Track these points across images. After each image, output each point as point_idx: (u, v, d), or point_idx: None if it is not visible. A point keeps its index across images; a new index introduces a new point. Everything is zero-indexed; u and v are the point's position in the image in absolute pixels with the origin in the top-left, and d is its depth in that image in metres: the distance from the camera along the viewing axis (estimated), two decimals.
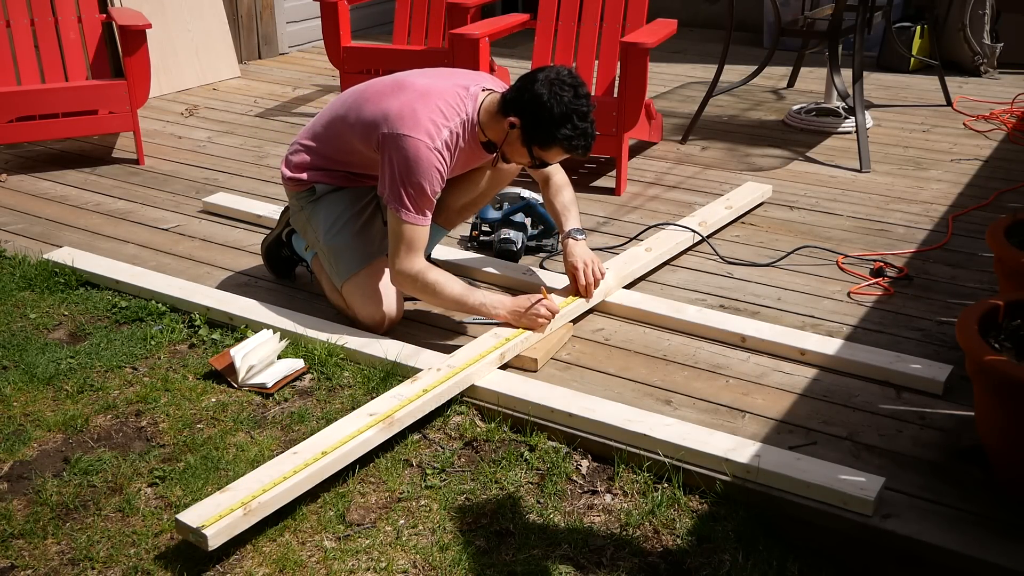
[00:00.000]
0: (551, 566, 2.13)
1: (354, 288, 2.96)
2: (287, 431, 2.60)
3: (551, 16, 4.50)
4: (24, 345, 3.00)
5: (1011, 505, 2.20)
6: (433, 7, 5.24)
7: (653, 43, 3.99)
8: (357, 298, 2.95)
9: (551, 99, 2.67)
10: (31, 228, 3.91)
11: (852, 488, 2.19)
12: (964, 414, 2.56)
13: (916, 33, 6.17)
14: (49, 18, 4.68)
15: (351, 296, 2.96)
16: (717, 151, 4.80)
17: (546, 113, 2.68)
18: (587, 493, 2.37)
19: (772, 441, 2.44)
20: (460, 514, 2.30)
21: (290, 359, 2.85)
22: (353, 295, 2.96)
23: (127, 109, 4.54)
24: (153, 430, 2.62)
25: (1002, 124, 5.12)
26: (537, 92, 2.69)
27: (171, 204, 4.17)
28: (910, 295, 3.24)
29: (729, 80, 5.40)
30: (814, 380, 2.75)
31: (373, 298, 2.93)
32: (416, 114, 2.75)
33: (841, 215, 3.95)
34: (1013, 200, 4.06)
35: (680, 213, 3.91)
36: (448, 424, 2.61)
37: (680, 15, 6.62)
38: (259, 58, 6.86)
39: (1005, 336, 2.28)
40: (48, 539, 2.23)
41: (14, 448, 2.53)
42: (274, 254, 3.38)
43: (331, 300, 3.11)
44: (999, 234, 2.70)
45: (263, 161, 4.72)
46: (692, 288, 3.31)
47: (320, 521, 2.27)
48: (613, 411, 2.52)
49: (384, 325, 2.95)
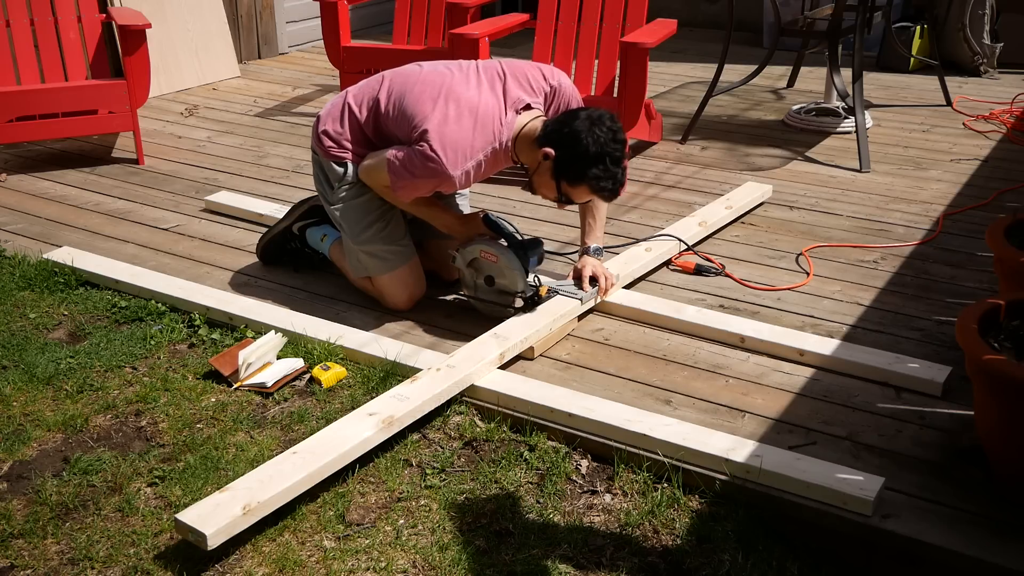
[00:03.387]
0: (551, 566, 2.13)
1: (386, 284, 3.16)
2: (287, 431, 2.60)
3: (551, 16, 4.50)
4: (24, 345, 3.00)
5: (1011, 505, 2.20)
6: (433, 7, 5.23)
7: (653, 43, 3.99)
8: (387, 292, 3.17)
9: (588, 136, 2.71)
10: (31, 228, 3.91)
11: (852, 488, 2.20)
12: (964, 414, 2.56)
13: (916, 33, 6.17)
14: (49, 18, 4.68)
15: (383, 287, 3.17)
16: (717, 151, 4.79)
17: (581, 149, 2.72)
18: (587, 493, 2.37)
19: (772, 441, 2.44)
20: (460, 514, 2.30)
21: (290, 358, 2.85)
22: (383, 288, 3.17)
23: (127, 109, 4.54)
24: (153, 430, 2.62)
25: (1002, 124, 5.12)
26: (576, 128, 2.73)
27: (171, 204, 4.17)
28: (910, 295, 3.24)
29: (729, 80, 5.40)
30: (814, 380, 2.75)
31: (402, 293, 3.16)
32: (451, 137, 2.83)
33: (841, 215, 3.95)
34: (1013, 200, 4.06)
35: (680, 213, 3.91)
36: (448, 424, 2.61)
37: (680, 15, 6.63)
38: (259, 58, 6.85)
39: (1005, 336, 2.28)
40: (48, 539, 2.23)
41: (14, 448, 2.53)
42: (279, 246, 3.47)
43: (356, 284, 3.28)
44: (999, 234, 2.70)
45: (263, 161, 4.72)
46: (692, 288, 3.31)
47: (320, 521, 2.27)
48: (613, 411, 2.52)
49: (409, 308, 3.19)
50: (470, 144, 2.84)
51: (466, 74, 2.98)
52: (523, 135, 2.89)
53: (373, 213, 3.08)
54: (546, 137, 2.81)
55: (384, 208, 3.10)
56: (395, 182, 2.91)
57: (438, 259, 3.31)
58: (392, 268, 3.12)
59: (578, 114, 2.78)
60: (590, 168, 2.73)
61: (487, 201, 4.08)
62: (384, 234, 3.10)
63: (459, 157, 2.83)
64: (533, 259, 3.01)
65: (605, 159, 2.72)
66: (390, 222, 3.12)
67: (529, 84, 2.98)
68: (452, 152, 2.82)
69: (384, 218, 3.10)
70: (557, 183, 2.81)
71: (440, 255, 3.29)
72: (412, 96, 2.93)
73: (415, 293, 3.18)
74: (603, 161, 2.73)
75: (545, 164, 2.81)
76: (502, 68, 3.00)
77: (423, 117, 2.86)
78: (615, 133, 2.75)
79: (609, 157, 2.73)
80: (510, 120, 2.90)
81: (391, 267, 3.12)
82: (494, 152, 2.89)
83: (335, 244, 3.33)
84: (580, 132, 2.72)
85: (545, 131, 2.83)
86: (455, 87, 2.92)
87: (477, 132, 2.85)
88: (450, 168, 2.81)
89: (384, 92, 3.01)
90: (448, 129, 2.83)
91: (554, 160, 2.77)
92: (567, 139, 2.75)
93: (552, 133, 2.79)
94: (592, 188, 2.78)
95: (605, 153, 2.72)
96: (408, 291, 3.15)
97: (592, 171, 2.73)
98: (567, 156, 2.75)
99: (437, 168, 2.82)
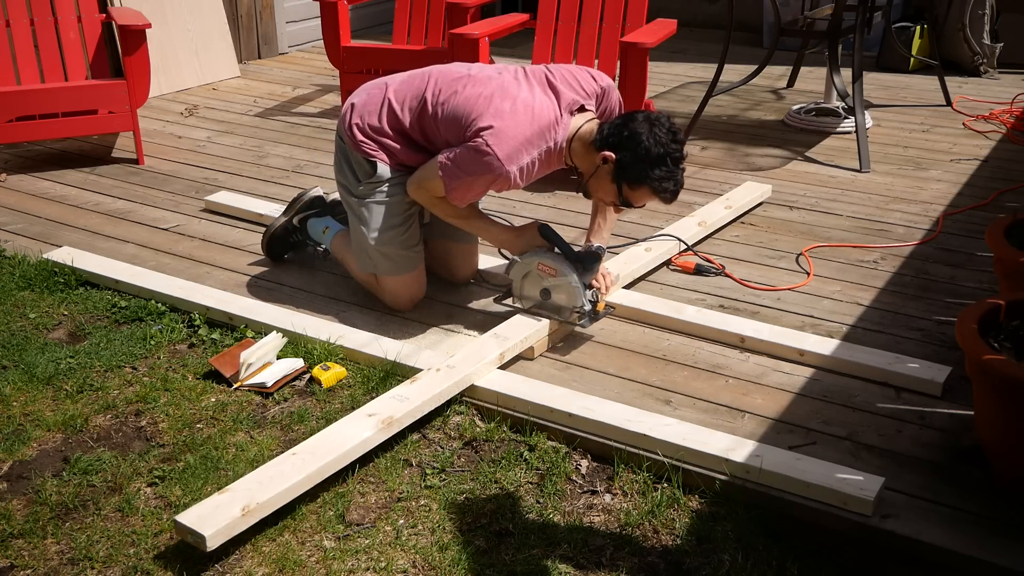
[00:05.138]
0: (551, 566, 2.13)
1: (392, 284, 3.14)
2: (287, 431, 2.60)
3: (551, 16, 4.50)
4: (24, 345, 3.00)
5: (1011, 505, 2.20)
6: (433, 7, 5.23)
7: (653, 43, 3.99)
8: (389, 291, 3.16)
9: (649, 138, 2.70)
10: (31, 228, 3.91)
11: (851, 488, 2.20)
12: (964, 414, 2.56)
13: (916, 33, 6.16)
14: (49, 18, 4.68)
15: (387, 287, 3.15)
16: (717, 151, 4.79)
17: (643, 151, 2.70)
18: (587, 493, 2.37)
19: (772, 441, 2.44)
20: (460, 514, 2.30)
21: (290, 359, 2.85)
22: (387, 287, 3.15)
23: (127, 109, 4.54)
24: (153, 430, 2.62)
25: (1002, 124, 5.12)
26: (636, 130, 2.71)
27: (171, 204, 4.16)
28: (910, 295, 3.24)
29: (729, 80, 5.40)
30: (814, 380, 2.75)
31: (404, 294, 3.15)
32: (507, 133, 2.77)
33: (841, 215, 3.95)
34: (1012, 200, 4.06)
35: (679, 213, 3.91)
36: (448, 424, 2.61)
37: (680, 15, 6.62)
38: (259, 58, 6.85)
39: (1005, 336, 2.28)
40: (48, 539, 2.23)
41: (14, 448, 2.53)
42: (281, 241, 3.49)
43: (357, 278, 3.28)
44: (999, 234, 2.70)
45: (263, 161, 4.72)
46: (692, 288, 3.31)
47: (320, 521, 2.27)
48: (613, 411, 2.52)
49: (409, 309, 3.20)
50: (526, 140, 2.79)
51: (516, 76, 2.93)
52: (579, 137, 2.85)
53: (398, 217, 3.05)
54: (604, 140, 2.78)
55: (409, 213, 3.07)
56: (448, 184, 2.84)
57: (440, 258, 3.30)
58: (402, 272, 3.10)
59: (635, 116, 2.76)
60: (653, 169, 2.71)
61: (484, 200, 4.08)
62: (403, 239, 3.07)
63: (514, 152, 2.77)
64: (590, 274, 2.96)
65: (667, 160, 2.71)
66: (410, 227, 3.09)
67: (580, 86, 2.94)
68: (508, 146, 2.76)
69: (406, 223, 3.07)
70: (618, 185, 2.79)
71: (443, 254, 3.29)
72: (463, 96, 2.87)
73: (417, 295, 3.18)
74: (664, 162, 2.71)
75: (605, 168, 2.78)
76: (550, 71, 2.96)
77: (478, 114, 2.80)
78: (675, 134, 2.74)
79: (671, 158, 2.72)
80: (565, 121, 2.86)
81: (401, 271, 3.10)
82: (548, 152, 2.85)
83: (337, 236, 3.33)
84: (641, 134, 2.70)
85: (602, 134, 2.79)
86: (508, 87, 2.87)
87: (533, 130, 2.80)
88: (505, 163, 2.76)
89: (431, 91, 2.93)
90: (504, 124, 2.77)
91: (615, 163, 2.75)
92: (628, 142, 2.72)
93: (611, 136, 2.76)
94: (654, 189, 2.76)
95: (667, 154, 2.71)
96: (411, 294, 3.15)
97: (655, 172, 2.71)
98: (629, 159, 2.73)
99: (492, 163, 2.75)
